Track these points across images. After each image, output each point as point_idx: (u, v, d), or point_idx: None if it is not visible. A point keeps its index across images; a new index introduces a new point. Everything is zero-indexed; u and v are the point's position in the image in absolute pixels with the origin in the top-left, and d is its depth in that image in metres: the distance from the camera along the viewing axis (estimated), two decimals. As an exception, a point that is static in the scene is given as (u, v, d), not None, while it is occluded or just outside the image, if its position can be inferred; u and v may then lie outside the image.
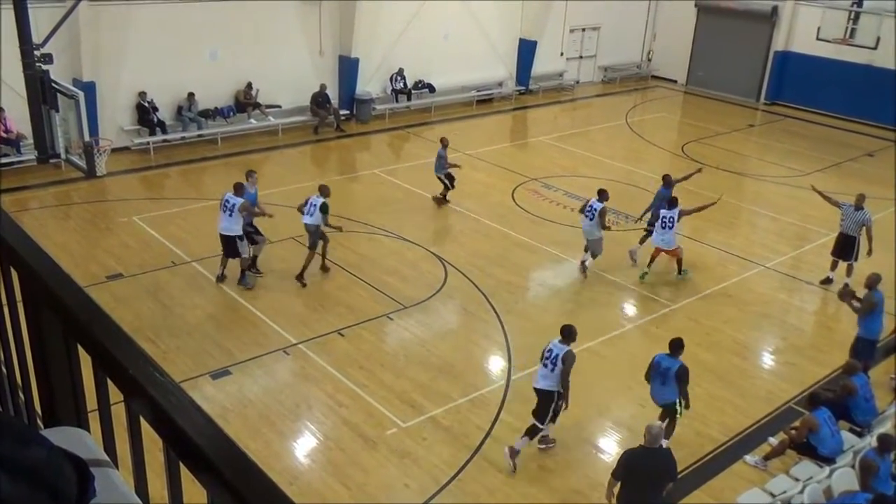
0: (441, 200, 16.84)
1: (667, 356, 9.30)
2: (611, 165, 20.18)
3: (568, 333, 9.16)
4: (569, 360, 8.99)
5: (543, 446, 9.57)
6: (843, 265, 13.83)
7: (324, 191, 13.10)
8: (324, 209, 12.73)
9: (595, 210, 13.42)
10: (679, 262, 13.87)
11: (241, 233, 12.50)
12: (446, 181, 16.72)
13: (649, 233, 14.11)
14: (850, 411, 9.55)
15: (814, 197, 15.41)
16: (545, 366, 9.10)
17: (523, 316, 12.62)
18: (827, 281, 14.06)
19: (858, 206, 13.51)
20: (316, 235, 12.94)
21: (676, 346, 9.31)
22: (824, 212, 17.50)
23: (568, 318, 12.50)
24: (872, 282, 11.06)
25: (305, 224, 12.95)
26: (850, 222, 13.56)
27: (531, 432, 9.20)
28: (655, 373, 9.31)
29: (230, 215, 12.38)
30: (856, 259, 13.60)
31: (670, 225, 13.35)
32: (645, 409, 10.36)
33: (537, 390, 9.21)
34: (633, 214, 16.73)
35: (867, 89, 24.36)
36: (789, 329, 12.87)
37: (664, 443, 8.76)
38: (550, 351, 9.10)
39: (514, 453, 9.09)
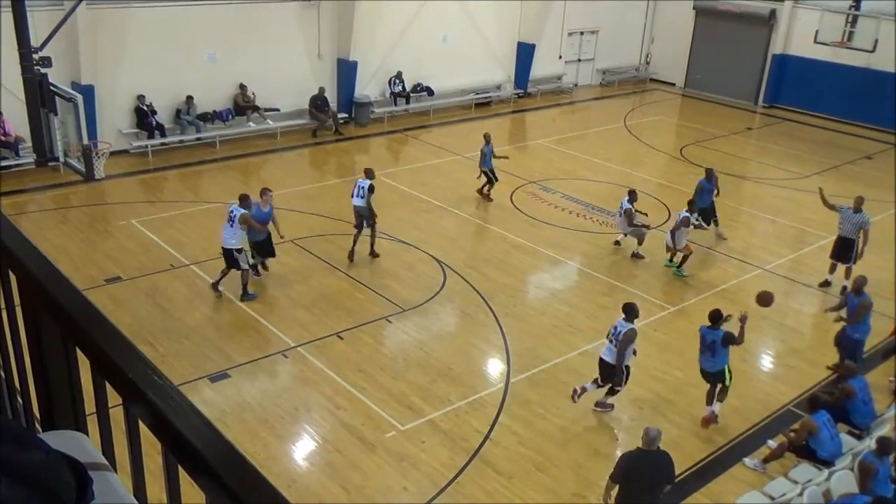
0: (486, 196, 17.32)
1: (709, 329, 9.97)
2: (609, 168, 20.20)
3: (629, 311, 10.01)
4: (627, 336, 9.83)
5: (601, 409, 10.32)
6: (841, 268, 13.84)
7: (369, 173, 13.95)
8: (371, 190, 13.71)
9: (621, 210, 14.58)
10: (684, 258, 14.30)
11: (239, 245, 12.34)
12: (491, 175, 17.16)
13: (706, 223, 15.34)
14: (848, 414, 9.56)
15: (812, 200, 15.40)
16: (610, 341, 9.99)
17: (522, 319, 12.62)
18: (825, 284, 14.09)
19: (857, 209, 13.53)
20: (364, 216, 13.88)
21: (716, 317, 9.94)
22: (822, 215, 17.52)
23: (566, 320, 12.54)
24: (860, 285, 11.32)
25: (355, 206, 13.90)
26: (848, 225, 13.58)
27: (610, 392, 10.23)
28: (703, 346, 10.01)
29: (231, 226, 12.29)
30: (854, 262, 13.62)
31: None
32: (643, 411, 10.38)
33: (602, 362, 10.08)
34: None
35: (865, 92, 24.40)
36: (788, 331, 12.88)
37: (717, 406, 10.10)
38: (615, 328, 9.98)
39: (601, 405, 10.28)
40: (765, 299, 11.13)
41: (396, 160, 20.83)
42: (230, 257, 12.37)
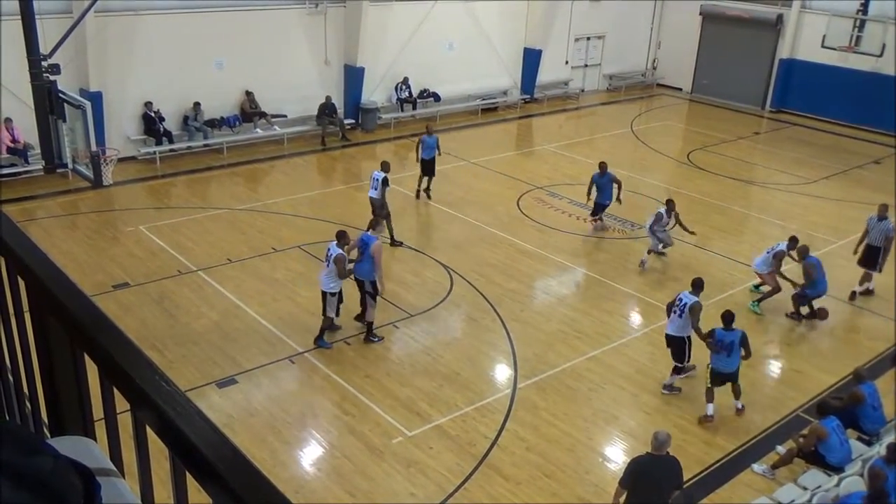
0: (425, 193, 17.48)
1: (724, 331, 10.16)
2: (616, 173, 20.12)
3: (698, 284, 10.53)
4: (696, 308, 10.26)
5: (667, 392, 10.72)
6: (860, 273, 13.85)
7: (385, 166, 14.56)
8: (385, 183, 14.22)
9: (653, 216, 14.64)
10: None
11: (337, 290, 11.30)
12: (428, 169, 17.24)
13: None
14: (858, 420, 9.50)
15: (819, 204, 15.41)
16: (675, 313, 10.41)
17: (529, 324, 12.60)
18: (854, 297, 13.96)
19: (881, 217, 13.62)
20: (379, 208, 14.21)
21: (730, 319, 10.21)
22: (830, 219, 17.49)
23: (573, 326, 12.52)
24: (803, 252, 12.68)
25: (371, 198, 14.50)
26: (875, 233, 13.63)
27: (676, 371, 10.66)
28: (721, 348, 10.11)
29: (328, 266, 11.23)
30: (880, 269, 13.70)
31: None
32: (651, 416, 10.35)
33: (668, 336, 10.61)
34: (637, 222, 16.73)
35: (873, 96, 24.31)
36: (796, 337, 12.83)
37: (738, 404, 10.43)
38: (680, 300, 10.40)
39: (668, 387, 10.72)
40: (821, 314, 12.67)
41: (403, 166, 20.81)
42: (323, 299, 11.43)
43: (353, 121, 22.48)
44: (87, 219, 15.92)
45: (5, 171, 17.07)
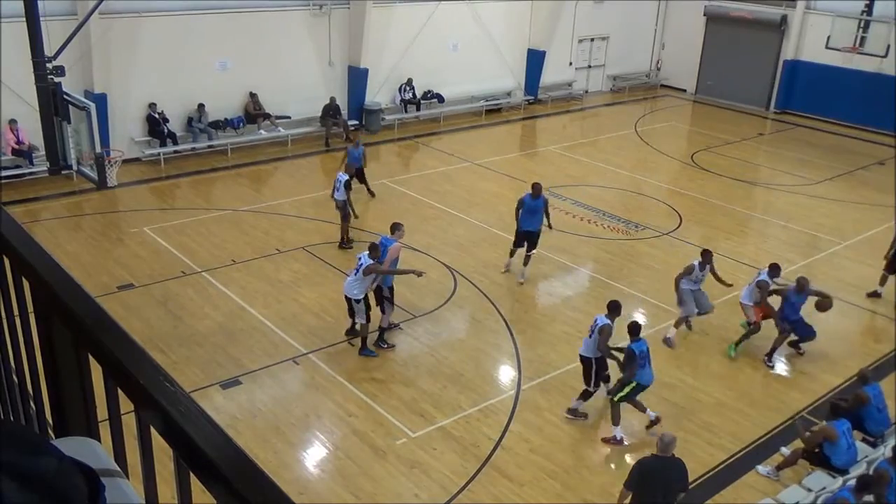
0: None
1: (637, 342, 9.90)
2: (620, 175, 20.16)
3: (614, 308, 10.13)
4: (604, 331, 9.88)
5: (571, 417, 10.24)
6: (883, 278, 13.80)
7: (348, 169, 15.48)
8: (348, 185, 14.63)
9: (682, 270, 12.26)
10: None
11: (360, 296, 11.23)
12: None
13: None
14: (862, 421, 9.47)
15: (824, 205, 15.34)
16: (590, 335, 10.11)
17: (533, 325, 12.60)
18: (875, 294, 13.94)
19: None
20: (343, 209, 14.70)
21: (635, 330, 9.88)
22: (834, 220, 17.47)
23: (577, 327, 12.49)
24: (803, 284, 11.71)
25: (335, 199, 14.89)
26: None
27: (583, 395, 10.21)
28: (644, 360, 9.85)
29: (356, 274, 11.22)
30: None
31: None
32: (656, 418, 10.32)
33: (580, 356, 10.27)
34: (641, 224, 16.73)
35: (878, 97, 24.26)
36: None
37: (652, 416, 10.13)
38: (595, 321, 10.09)
39: (572, 412, 10.21)
40: (824, 306, 11.60)
41: (407, 167, 20.85)
42: (350, 306, 11.44)
43: (356, 122, 22.49)
44: (91, 220, 15.95)
45: (10, 172, 17.11)
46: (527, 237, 13.72)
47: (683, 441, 9.43)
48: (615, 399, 9.81)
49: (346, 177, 14.93)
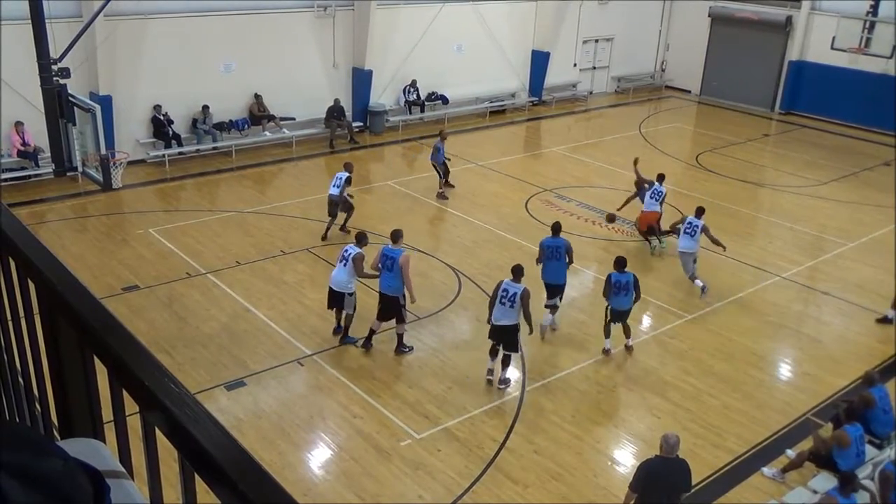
0: (441, 194, 17.71)
1: (618, 273, 11.36)
2: (624, 176, 20.10)
3: (518, 272, 10.56)
4: (525, 297, 10.36)
5: (503, 387, 10.76)
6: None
7: (348, 167, 15.49)
8: (348, 182, 15.12)
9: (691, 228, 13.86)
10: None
11: (353, 289, 11.41)
12: (440, 171, 17.61)
13: None
14: (868, 423, 9.43)
15: (830, 206, 15.25)
16: (503, 304, 10.40)
17: (537, 326, 12.56)
18: (887, 321, 13.09)
19: None
20: (338, 204, 15.13)
21: (621, 264, 11.47)
22: (840, 221, 17.43)
23: (582, 329, 12.49)
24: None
25: (330, 195, 15.20)
26: None
27: (505, 363, 10.72)
28: (618, 289, 11.28)
29: (344, 265, 11.32)
30: None
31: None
32: (660, 419, 10.32)
33: (500, 327, 10.52)
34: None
35: (883, 98, 24.18)
36: (806, 340, 12.76)
37: (628, 342, 11.72)
38: (506, 290, 10.41)
39: (503, 382, 10.75)
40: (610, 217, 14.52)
41: (411, 168, 20.85)
42: (339, 299, 11.47)
43: (361, 123, 22.52)
44: (96, 221, 15.99)
45: (16, 174, 17.18)
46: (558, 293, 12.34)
47: (688, 442, 9.43)
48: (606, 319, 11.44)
49: (347, 174, 15.20)
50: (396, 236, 11.36)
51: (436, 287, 13.68)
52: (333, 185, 15.14)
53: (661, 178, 15.61)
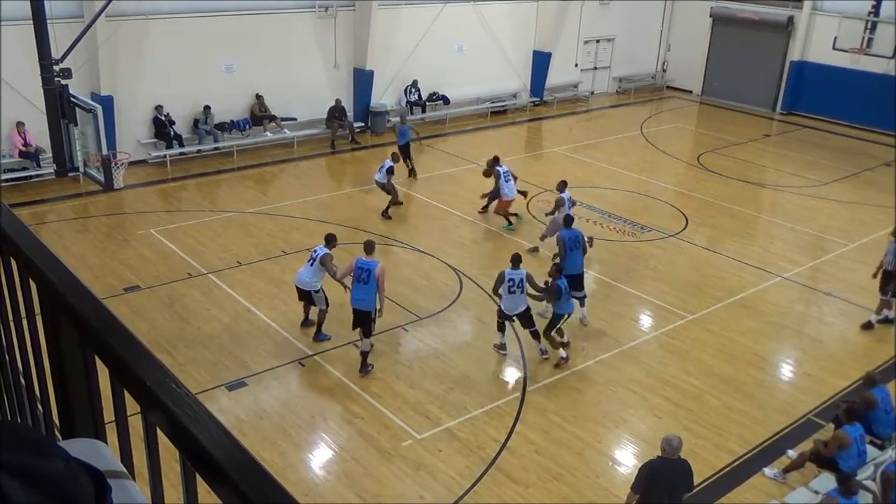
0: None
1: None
2: (626, 176, 20.14)
3: (517, 260, 11.31)
4: (530, 279, 11.09)
5: (546, 356, 11.40)
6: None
7: (395, 157, 16.61)
8: (391, 171, 16.21)
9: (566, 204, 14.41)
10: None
11: (318, 286, 11.52)
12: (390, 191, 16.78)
13: None
14: (870, 424, 9.43)
15: (830, 206, 15.22)
16: (513, 293, 11.06)
17: (538, 327, 12.55)
18: (883, 321, 12.95)
19: None
20: (388, 190, 16.30)
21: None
22: (841, 222, 17.42)
23: (583, 329, 12.49)
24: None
25: (377, 181, 16.37)
26: (889, 256, 12.63)
27: (535, 336, 11.40)
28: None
29: (311, 265, 11.48)
30: (893, 295, 12.64)
31: None
32: (661, 420, 10.32)
33: (518, 315, 11.19)
34: (647, 225, 16.71)
35: (885, 98, 24.15)
36: (807, 340, 12.76)
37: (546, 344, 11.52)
38: (512, 280, 11.04)
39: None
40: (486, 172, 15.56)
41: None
42: (308, 297, 11.66)
43: (362, 124, 22.52)
44: (97, 222, 16.00)
45: (17, 174, 17.19)
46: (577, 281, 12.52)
47: (690, 443, 9.42)
48: (547, 334, 11.28)
49: (391, 163, 16.21)
50: (370, 247, 11.06)
51: (437, 287, 13.68)
52: (378, 171, 16.32)
53: (563, 185, 14.72)
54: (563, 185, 14.76)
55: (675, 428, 9.84)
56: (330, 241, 11.65)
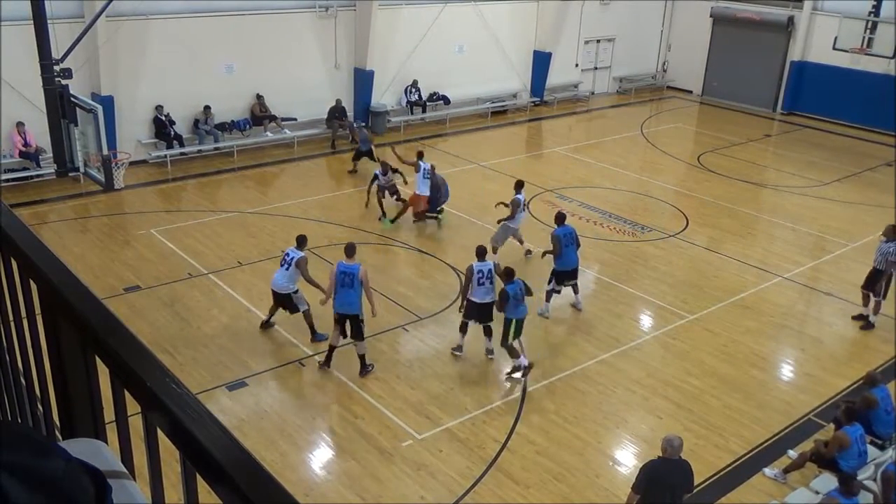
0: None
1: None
2: (626, 176, 20.14)
3: (482, 252, 11.39)
4: (497, 268, 11.18)
5: (492, 356, 11.46)
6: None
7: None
8: (384, 173, 16.18)
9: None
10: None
11: (295, 288, 11.49)
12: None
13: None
14: (871, 424, 9.42)
15: (832, 207, 15.20)
16: (482, 284, 11.07)
17: (538, 327, 12.58)
18: (860, 318, 13.10)
19: (888, 238, 12.56)
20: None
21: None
22: (842, 222, 17.42)
23: (583, 329, 12.49)
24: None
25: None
26: (876, 254, 12.75)
27: (488, 333, 11.42)
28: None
29: (286, 269, 11.38)
30: (883, 296, 12.72)
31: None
32: (662, 420, 10.32)
33: (485, 304, 11.18)
34: (647, 225, 16.71)
35: (885, 98, 24.16)
36: (808, 340, 12.75)
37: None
38: (481, 271, 11.11)
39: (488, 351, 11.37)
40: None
41: (412, 169, 20.82)
42: (287, 301, 11.55)
43: (362, 124, 22.51)
44: (98, 222, 16.00)
45: (18, 174, 17.19)
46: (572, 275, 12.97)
47: (690, 443, 9.42)
48: (506, 343, 10.96)
49: (379, 171, 16.13)
50: (351, 250, 10.88)
51: (437, 287, 13.68)
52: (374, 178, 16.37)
53: (519, 185, 14.64)
54: (519, 186, 14.52)
55: (675, 428, 9.84)
56: (301, 242, 11.61)
